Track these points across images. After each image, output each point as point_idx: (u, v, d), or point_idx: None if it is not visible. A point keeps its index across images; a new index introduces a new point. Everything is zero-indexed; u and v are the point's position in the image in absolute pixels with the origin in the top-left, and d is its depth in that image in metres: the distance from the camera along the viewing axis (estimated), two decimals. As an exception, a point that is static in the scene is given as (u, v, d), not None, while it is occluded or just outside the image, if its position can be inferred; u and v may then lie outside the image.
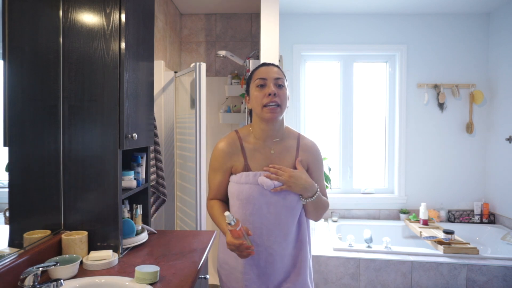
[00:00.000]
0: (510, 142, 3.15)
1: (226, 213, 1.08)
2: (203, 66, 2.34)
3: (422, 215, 3.13)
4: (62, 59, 1.42)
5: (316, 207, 1.25)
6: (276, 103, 1.18)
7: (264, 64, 1.27)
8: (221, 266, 1.31)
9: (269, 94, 1.18)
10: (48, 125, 1.37)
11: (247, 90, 1.30)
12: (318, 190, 1.23)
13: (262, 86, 1.21)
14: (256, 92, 1.22)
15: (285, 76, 1.27)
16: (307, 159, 1.28)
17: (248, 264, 1.23)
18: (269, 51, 2.49)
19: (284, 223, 1.22)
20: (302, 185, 1.19)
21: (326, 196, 1.32)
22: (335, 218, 3.37)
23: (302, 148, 1.29)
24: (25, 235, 1.24)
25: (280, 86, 1.21)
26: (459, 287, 2.44)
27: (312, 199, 1.21)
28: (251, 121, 1.34)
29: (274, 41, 2.49)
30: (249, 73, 1.34)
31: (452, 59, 3.46)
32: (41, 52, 1.33)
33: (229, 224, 1.09)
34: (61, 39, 1.41)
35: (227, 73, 3.44)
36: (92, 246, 1.43)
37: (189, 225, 2.61)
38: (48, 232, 1.35)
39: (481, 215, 3.36)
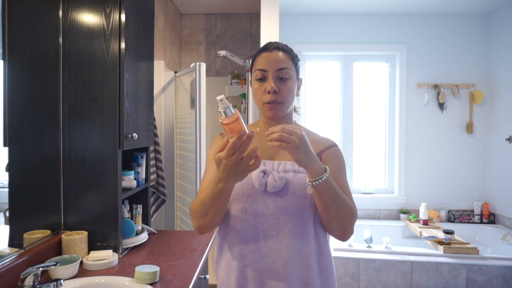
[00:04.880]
0: (510, 142, 3.15)
1: (220, 96, 0.75)
2: (203, 66, 2.34)
3: (422, 215, 3.13)
4: (62, 59, 1.42)
5: (333, 200, 0.87)
6: (276, 101, 0.97)
7: (267, 49, 1.01)
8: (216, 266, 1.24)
9: (269, 92, 0.97)
10: (48, 125, 1.37)
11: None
12: (328, 169, 0.86)
13: (261, 79, 0.99)
14: (256, 85, 1.00)
15: (294, 60, 1.02)
16: (320, 152, 1.02)
17: (243, 272, 0.97)
18: (269, 51, 2.48)
19: (287, 229, 0.93)
20: (311, 154, 0.84)
21: (350, 198, 0.95)
22: (335, 218, 3.37)
23: (312, 139, 1.03)
24: (25, 235, 1.24)
25: (283, 79, 0.98)
26: (459, 287, 2.44)
27: (319, 181, 0.84)
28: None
29: (274, 41, 2.48)
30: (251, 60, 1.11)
31: (452, 59, 3.46)
32: (41, 52, 1.33)
33: (224, 113, 0.74)
34: (61, 39, 1.42)
35: (227, 73, 3.44)
36: (92, 246, 1.43)
37: (189, 225, 2.61)
38: (48, 232, 1.35)
39: (481, 215, 3.36)
